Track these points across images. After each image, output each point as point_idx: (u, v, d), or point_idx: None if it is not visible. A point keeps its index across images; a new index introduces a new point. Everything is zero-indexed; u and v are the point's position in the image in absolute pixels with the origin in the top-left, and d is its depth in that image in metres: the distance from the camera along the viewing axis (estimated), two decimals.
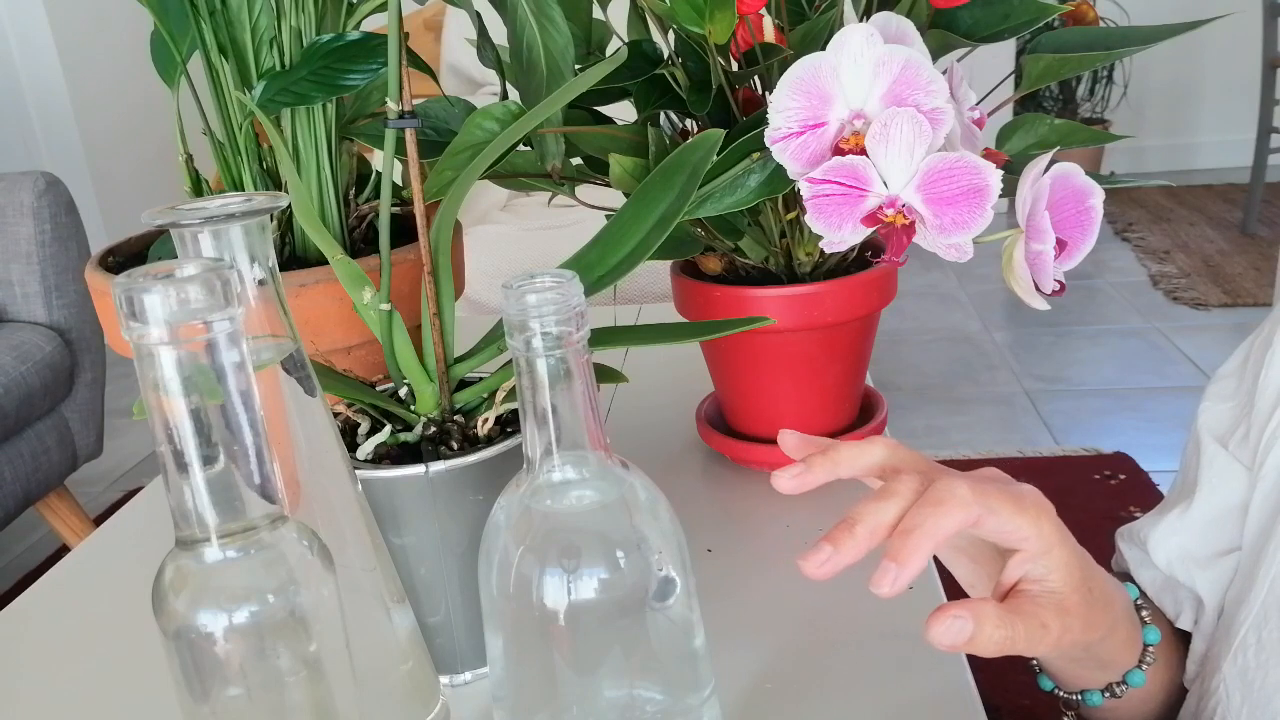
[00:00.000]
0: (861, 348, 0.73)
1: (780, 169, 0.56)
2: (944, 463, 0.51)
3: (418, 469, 0.49)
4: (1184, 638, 0.57)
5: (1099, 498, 1.98)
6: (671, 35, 0.65)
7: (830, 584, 0.61)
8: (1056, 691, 0.54)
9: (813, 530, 0.67)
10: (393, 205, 0.54)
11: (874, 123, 0.52)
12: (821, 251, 0.65)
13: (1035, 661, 0.54)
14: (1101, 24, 0.66)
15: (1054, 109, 4.10)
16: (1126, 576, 0.59)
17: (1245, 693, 0.49)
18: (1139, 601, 0.53)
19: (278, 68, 0.61)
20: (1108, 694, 0.52)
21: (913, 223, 0.53)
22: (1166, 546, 0.56)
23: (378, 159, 0.56)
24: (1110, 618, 0.47)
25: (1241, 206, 3.63)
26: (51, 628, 0.65)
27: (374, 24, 0.55)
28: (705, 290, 0.69)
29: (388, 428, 0.53)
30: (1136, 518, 0.59)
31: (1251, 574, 0.51)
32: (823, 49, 0.53)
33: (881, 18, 0.56)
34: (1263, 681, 0.49)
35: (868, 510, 0.40)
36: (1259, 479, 0.52)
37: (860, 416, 0.76)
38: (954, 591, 0.60)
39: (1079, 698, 0.53)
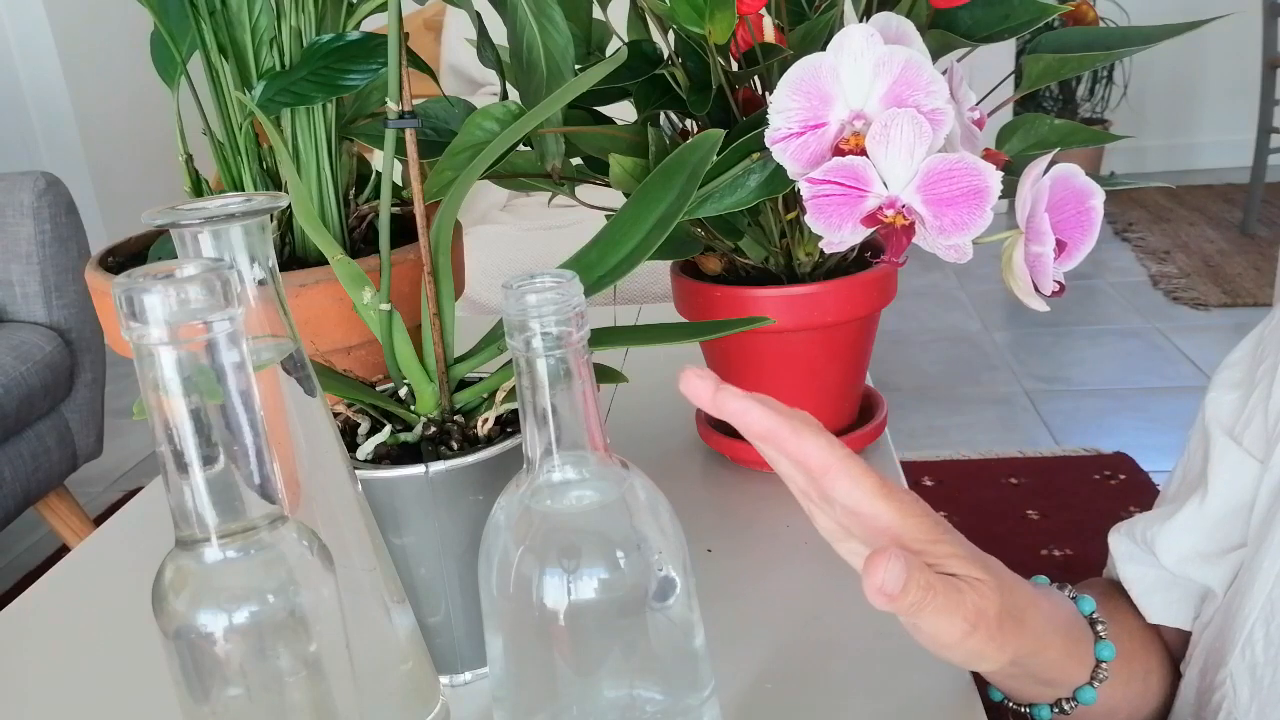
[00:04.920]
0: (861, 348, 0.73)
1: (780, 169, 0.56)
2: (944, 463, 0.50)
3: (418, 469, 0.49)
4: (1160, 645, 0.57)
5: (1099, 498, 1.98)
6: (671, 35, 0.65)
7: (830, 584, 0.62)
8: (1006, 703, 0.53)
9: (812, 530, 0.67)
10: (393, 205, 0.54)
11: (874, 123, 0.52)
12: (821, 251, 0.65)
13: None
14: (1101, 24, 0.66)
15: (1054, 109, 4.10)
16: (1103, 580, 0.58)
17: (1254, 689, 0.49)
18: (1094, 615, 0.51)
19: (278, 68, 0.61)
20: (1057, 710, 0.50)
21: (912, 223, 0.53)
22: (1179, 547, 0.54)
23: (378, 159, 0.56)
24: (1031, 638, 0.44)
25: (1241, 206, 3.63)
26: (51, 628, 0.65)
27: (374, 24, 0.55)
28: (705, 290, 0.69)
29: (388, 428, 0.53)
30: None
31: (1253, 565, 0.50)
32: (823, 49, 0.53)
33: (881, 18, 0.56)
34: (1273, 678, 0.48)
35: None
36: (1268, 469, 0.51)
37: (860, 416, 0.76)
38: None
39: (1028, 710, 0.52)
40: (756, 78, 0.64)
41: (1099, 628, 0.51)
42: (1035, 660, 0.46)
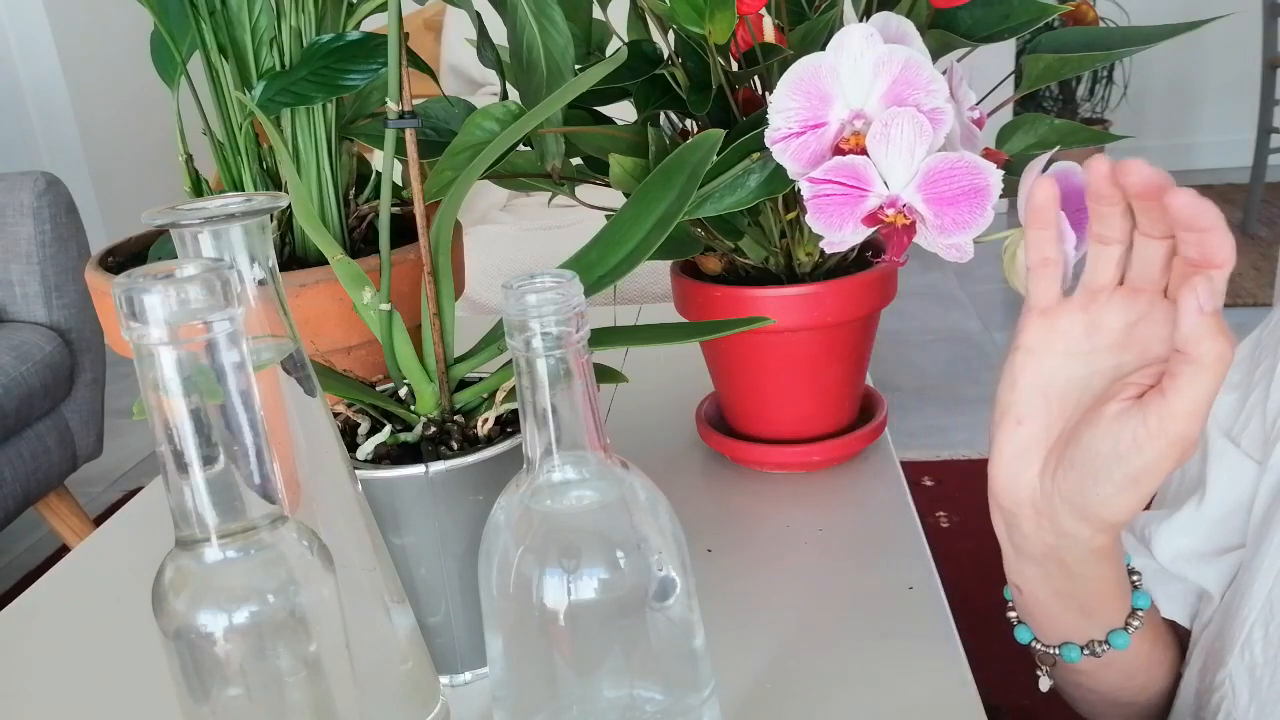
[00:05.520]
0: (861, 348, 0.73)
1: (780, 169, 0.56)
2: (944, 463, 0.50)
3: (418, 469, 0.49)
4: (1173, 632, 0.57)
5: None
6: (671, 35, 0.65)
7: (830, 584, 0.62)
8: (1034, 644, 0.53)
9: (812, 530, 0.67)
10: (393, 205, 0.54)
11: (874, 123, 0.52)
12: (821, 251, 0.64)
13: (1015, 613, 0.53)
14: (1101, 24, 0.66)
15: (1054, 109, 4.10)
16: None
17: (1253, 690, 0.49)
18: (1131, 566, 0.52)
19: (278, 68, 0.61)
20: (1087, 651, 0.50)
21: (913, 223, 0.53)
22: (1174, 546, 0.55)
23: (378, 159, 0.56)
24: (1103, 537, 0.46)
25: (1241, 206, 3.63)
26: (51, 628, 0.65)
27: (374, 24, 0.55)
28: (705, 290, 0.69)
29: (388, 428, 0.53)
30: None
31: (1252, 566, 0.51)
32: (823, 49, 0.53)
33: (881, 18, 0.56)
34: (1272, 679, 0.48)
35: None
36: (1266, 470, 0.51)
37: (860, 416, 0.76)
38: (955, 593, 0.60)
39: (1056, 651, 0.52)
40: (756, 78, 0.64)
41: (1135, 578, 0.51)
42: (1089, 573, 0.47)
